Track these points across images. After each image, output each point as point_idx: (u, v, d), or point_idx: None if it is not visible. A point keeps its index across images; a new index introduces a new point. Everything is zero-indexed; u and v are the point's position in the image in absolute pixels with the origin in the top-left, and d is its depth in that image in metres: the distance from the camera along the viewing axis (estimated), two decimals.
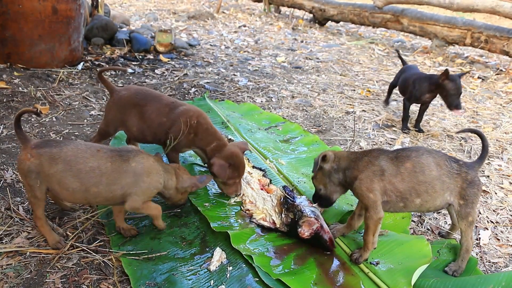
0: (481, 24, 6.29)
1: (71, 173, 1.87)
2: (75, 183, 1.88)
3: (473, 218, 1.99)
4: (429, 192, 1.95)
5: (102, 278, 1.92)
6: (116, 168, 1.93)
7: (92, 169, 1.89)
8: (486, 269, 2.18)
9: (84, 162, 1.89)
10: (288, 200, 2.28)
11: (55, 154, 1.88)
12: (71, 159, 1.88)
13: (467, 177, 1.97)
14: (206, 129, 2.49)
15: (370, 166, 1.99)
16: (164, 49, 5.86)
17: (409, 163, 1.96)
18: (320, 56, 6.57)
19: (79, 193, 1.91)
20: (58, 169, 1.87)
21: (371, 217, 1.96)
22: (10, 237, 2.11)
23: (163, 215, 2.37)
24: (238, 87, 4.76)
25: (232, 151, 2.43)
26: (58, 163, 1.87)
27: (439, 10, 8.82)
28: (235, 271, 1.99)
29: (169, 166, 2.17)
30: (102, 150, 1.97)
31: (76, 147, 1.93)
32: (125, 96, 2.63)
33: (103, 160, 1.92)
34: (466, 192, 1.97)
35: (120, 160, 1.95)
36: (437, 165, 1.97)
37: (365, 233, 2.01)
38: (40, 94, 3.91)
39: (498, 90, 5.22)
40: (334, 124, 3.92)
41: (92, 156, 1.91)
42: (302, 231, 2.12)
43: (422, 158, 1.97)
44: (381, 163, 1.97)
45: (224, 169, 2.36)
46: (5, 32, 4.26)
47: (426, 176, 1.94)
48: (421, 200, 1.97)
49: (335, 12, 8.58)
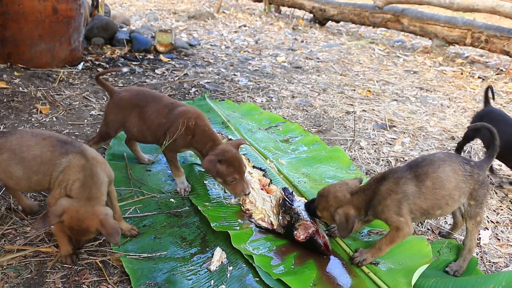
0: (481, 24, 6.29)
1: (15, 161, 1.89)
2: (18, 171, 1.89)
3: (481, 218, 1.99)
4: (449, 204, 1.95)
5: (102, 278, 1.92)
6: (47, 162, 1.88)
7: (34, 157, 1.89)
8: (487, 269, 2.17)
9: (28, 150, 1.89)
10: (286, 202, 2.28)
11: (0, 144, 1.90)
12: (15, 147, 1.90)
13: (479, 178, 1.96)
14: (203, 130, 2.48)
15: (393, 195, 1.92)
16: (164, 49, 5.85)
17: (429, 181, 1.91)
18: (320, 56, 6.57)
19: (23, 181, 1.91)
20: (3, 158, 1.89)
21: (404, 236, 1.92)
22: (10, 237, 2.11)
23: (163, 215, 2.37)
24: (238, 87, 4.76)
25: (223, 148, 2.40)
26: (3, 153, 1.89)
27: (440, 10, 8.81)
28: (235, 271, 1.99)
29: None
30: (49, 139, 1.93)
31: (21, 136, 1.94)
32: (126, 97, 2.63)
33: (46, 148, 1.90)
34: (477, 193, 1.96)
35: (58, 154, 1.88)
36: (454, 173, 1.94)
37: (385, 243, 1.96)
38: (40, 94, 3.91)
39: (498, 90, 5.22)
40: (334, 124, 3.92)
41: (36, 144, 1.91)
42: (298, 234, 2.12)
43: (439, 171, 1.92)
44: (404, 188, 1.92)
45: (213, 164, 2.32)
46: (5, 32, 4.26)
47: (446, 189, 1.92)
48: (441, 211, 1.97)
49: (335, 12, 8.58)
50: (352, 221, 1.96)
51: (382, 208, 1.93)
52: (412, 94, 4.95)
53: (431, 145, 3.58)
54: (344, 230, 1.97)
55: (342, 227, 1.97)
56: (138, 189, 2.59)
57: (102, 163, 1.96)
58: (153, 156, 2.98)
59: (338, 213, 1.98)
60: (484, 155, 2.12)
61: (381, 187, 1.95)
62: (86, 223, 1.77)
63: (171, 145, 2.49)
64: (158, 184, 2.68)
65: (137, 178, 2.70)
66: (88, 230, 1.79)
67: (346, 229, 1.97)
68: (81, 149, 1.93)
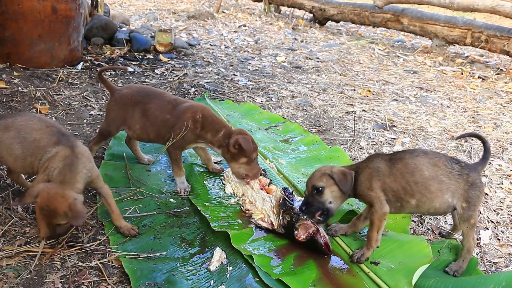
0: (481, 23, 6.29)
1: (18, 140, 2.04)
2: (18, 150, 2.04)
3: (475, 220, 1.99)
4: (423, 193, 1.96)
5: (102, 278, 1.91)
6: (42, 147, 2.01)
7: (34, 140, 2.03)
8: (487, 269, 2.17)
9: (30, 132, 2.05)
10: (287, 202, 2.28)
11: (9, 123, 2.07)
12: (21, 128, 2.06)
13: (468, 179, 1.96)
14: (212, 120, 2.52)
15: (367, 170, 2.06)
16: (164, 49, 5.85)
17: (400, 164, 2.01)
18: (320, 55, 6.56)
19: (19, 160, 2.05)
20: (9, 136, 2.05)
21: (376, 211, 1.98)
22: (9, 237, 2.10)
23: (163, 215, 2.37)
24: (238, 87, 4.75)
25: (240, 130, 2.53)
26: (10, 131, 2.05)
27: (440, 10, 8.82)
28: (235, 271, 1.99)
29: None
30: (51, 128, 2.08)
31: (29, 118, 2.11)
32: (127, 94, 2.62)
33: (45, 135, 2.04)
34: (468, 195, 1.96)
35: (52, 143, 2.01)
36: (434, 166, 1.98)
37: (369, 229, 2.02)
38: (40, 94, 3.91)
39: (498, 90, 5.22)
40: (334, 124, 3.92)
41: (39, 129, 2.06)
42: (298, 234, 2.12)
43: (415, 159, 2.00)
44: (375, 165, 2.05)
45: (248, 140, 2.42)
46: (4, 32, 4.25)
47: (416, 176, 1.97)
48: (416, 201, 1.98)
49: (335, 12, 8.57)
50: (350, 175, 2.05)
51: (358, 184, 2.05)
52: (412, 94, 4.94)
53: (431, 145, 3.58)
54: (345, 184, 2.05)
55: (342, 182, 2.05)
56: (138, 189, 2.59)
57: (86, 159, 2.06)
58: (153, 156, 2.98)
59: (334, 172, 2.07)
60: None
61: (362, 164, 2.11)
62: (54, 204, 1.86)
63: (179, 142, 2.49)
64: (158, 184, 2.67)
65: (137, 178, 2.70)
66: (56, 212, 1.87)
67: (346, 183, 2.04)
68: (73, 144, 2.05)
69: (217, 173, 2.82)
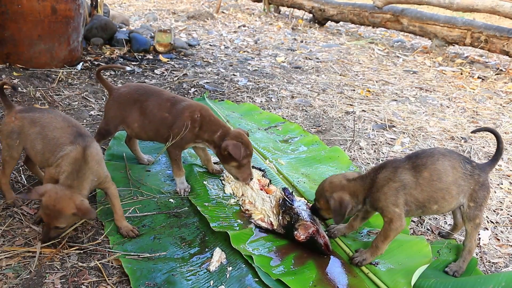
0: (481, 24, 6.29)
1: (41, 136, 2.11)
2: (39, 145, 2.11)
3: (480, 220, 1.98)
4: (446, 198, 1.93)
5: (101, 279, 1.91)
6: (60, 145, 2.06)
7: (54, 138, 2.09)
8: (486, 269, 2.17)
9: (52, 130, 2.11)
10: (287, 202, 2.28)
11: (36, 118, 2.15)
12: (45, 124, 2.13)
13: (479, 179, 1.95)
14: (209, 120, 2.52)
15: (391, 183, 1.94)
16: (164, 49, 5.85)
17: (426, 172, 1.92)
18: (319, 56, 6.57)
19: (39, 155, 2.12)
20: (34, 131, 2.12)
21: (396, 229, 1.92)
22: (9, 237, 2.10)
23: (162, 216, 2.37)
24: (237, 87, 4.75)
25: (237, 131, 2.52)
26: (36, 126, 2.13)
27: (439, 10, 8.82)
28: (235, 271, 1.99)
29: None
30: (72, 128, 2.13)
31: (54, 116, 2.17)
32: (125, 93, 2.63)
33: (64, 135, 2.09)
34: (477, 194, 1.95)
35: (68, 141, 2.06)
36: (453, 168, 1.93)
37: (380, 240, 1.97)
38: (40, 94, 3.91)
39: (498, 90, 5.22)
40: (334, 124, 3.92)
41: (61, 128, 2.12)
42: (298, 234, 2.12)
43: (438, 164, 1.92)
44: (401, 177, 1.93)
45: (238, 148, 2.41)
46: (4, 32, 4.25)
47: (443, 183, 1.91)
48: (438, 206, 1.95)
49: (334, 12, 8.57)
50: (345, 206, 1.97)
51: (379, 196, 1.94)
52: (412, 94, 4.95)
53: (430, 145, 3.58)
54: (338, 215, 1.98)
55: (335, 211, 1.99)
56: (138, 190, 2.58)
57: (95, 163, 2.06)
58: (153, 157, 2.98)
59: (333, 197, 2.00)
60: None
61: (379, 175, 1.98)
62: (61, 204, 1.89)
63: (177, 141, 2.49)
64: (158, 185, 2.67)
65: (136, 179, 2.70)
66: (61, 212, 1.89)
67: (340, 214, 1.98)
68: (86, 145, 2.06)
69: (217, 173, 2.82)
